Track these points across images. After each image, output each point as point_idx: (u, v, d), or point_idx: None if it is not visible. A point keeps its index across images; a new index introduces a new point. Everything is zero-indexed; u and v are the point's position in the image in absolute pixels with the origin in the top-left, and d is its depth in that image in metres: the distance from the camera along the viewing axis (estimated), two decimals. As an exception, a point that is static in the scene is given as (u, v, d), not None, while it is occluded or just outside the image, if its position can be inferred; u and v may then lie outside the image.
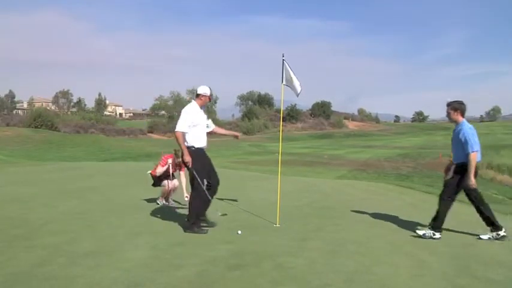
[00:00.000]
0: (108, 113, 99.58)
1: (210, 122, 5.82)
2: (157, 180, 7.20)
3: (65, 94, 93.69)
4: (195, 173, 5.33)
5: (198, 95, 5.58)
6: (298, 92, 6.10)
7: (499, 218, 7.39)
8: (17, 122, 51.41)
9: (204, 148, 5.50)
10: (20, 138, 37.84)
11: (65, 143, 37.41)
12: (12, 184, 9.66)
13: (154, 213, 6.55)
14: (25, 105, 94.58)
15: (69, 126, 52.83)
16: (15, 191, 8.46)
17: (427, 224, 5.45)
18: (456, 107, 5.33)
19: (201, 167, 5.39)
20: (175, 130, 5.36)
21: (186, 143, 5.35)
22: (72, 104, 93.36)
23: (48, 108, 73.31)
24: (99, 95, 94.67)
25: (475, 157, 5.13)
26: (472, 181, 5.13)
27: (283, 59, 6.02)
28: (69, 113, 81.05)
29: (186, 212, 6.57)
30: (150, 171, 7.32)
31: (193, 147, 5.38)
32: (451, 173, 5.45)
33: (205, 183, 5.42)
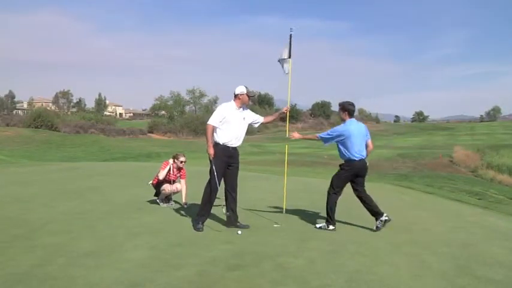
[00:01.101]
0: (108, 113, 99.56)
1: (256, 117, 5.92)
2: (159, 188, 7.18)
3: (65, 94, 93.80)
4: (213, 166, 5.45)
5: (236, 96, 5.61)
6: (287, 72, 6.16)
7: (501, 218, 7.40)
8: (17, 122, 51.42)
9: (229, 146, 5.55)
10: (20, 138, 37.87)
11: (65, 143, 37.43)
12: (12, 184, 9.65)
13: (154, 213, 6.55)
14: (25, 106, 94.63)
15: (69, 127, 52.82)
16: (15, 191, 8.45)
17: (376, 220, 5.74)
18: (345, 107, 5.76)
19: (219, 163, 5.49)
20: (207, 123, 5.55)
21: (213, 138, 5.51)
22: (72, 104, 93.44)
23: (48, 108, 73.27)
24: (99, 95, 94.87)
25: (316, 137, 6.04)
26: (294, 136, 6.15)
27: (290, 34, 6.01)
28: (69, 113, 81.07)
29: (186, 213, 6.58)
30: (151, 182, 7.32)
31: (219, 143, 5.50)
32: None
33: (218, 184, 5.51)
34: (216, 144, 5.52)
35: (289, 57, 6.12)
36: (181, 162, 7.20)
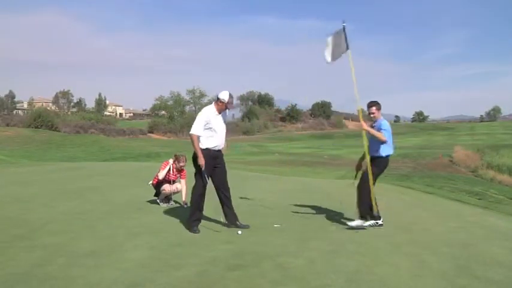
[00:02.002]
0: (108, 113, 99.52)
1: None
2: (159, 188, 7.17)
3: (65, 94, 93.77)
4: (201, 169, 5.42)
5: (217, 99, 5.57)
6: (329, 60, 6.19)
7: (501, 218, 7.39)
8: (17, 122, 51.38)
9: (215, 149, 5.51)
10: (20, 138, 37.84)
11: (65, 143, 37.38)
12: (12, 184, 9.65)
13: (154, 213, 6.55)
14: (25, 106, 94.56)
15: (69, 127, 52.83)
16: (15, 191, 8.45)
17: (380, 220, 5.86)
18: (379, 106, 6.01)
19: (206, 165, 5.44)
20: (190, 132, 5.47)
21: (200, 145, 5.42)
22: (72, 104, 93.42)
23: (48, 108, 73.23)
24: (99, 95, 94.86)
25: (383, 139, 5.78)
26: (363, 124, 5.88)
27: (343, 25, 6.02)
28: (69, 113, 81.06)
29: (186, 213, 6.58)
30: (151, 182, 7.31)
31: (207, 148, 5.45)
32: (364, 167, 6.04)
33: (207, 179, 5.48)
34: (203, 150, 5.44)
35: (347, 48, 6.07)
36: (181, 166, 7.19)
